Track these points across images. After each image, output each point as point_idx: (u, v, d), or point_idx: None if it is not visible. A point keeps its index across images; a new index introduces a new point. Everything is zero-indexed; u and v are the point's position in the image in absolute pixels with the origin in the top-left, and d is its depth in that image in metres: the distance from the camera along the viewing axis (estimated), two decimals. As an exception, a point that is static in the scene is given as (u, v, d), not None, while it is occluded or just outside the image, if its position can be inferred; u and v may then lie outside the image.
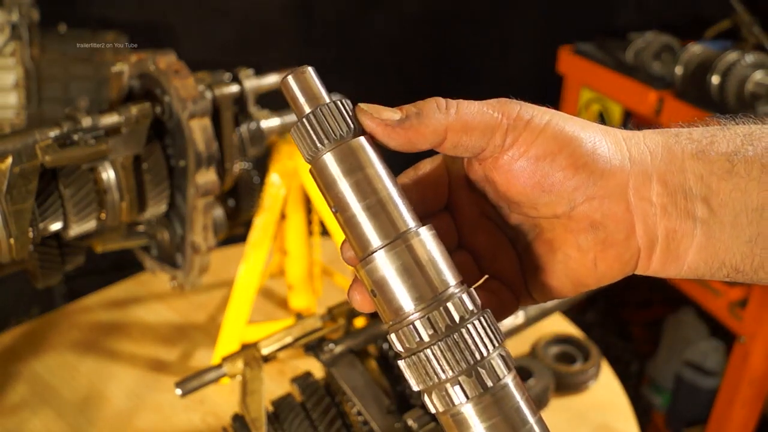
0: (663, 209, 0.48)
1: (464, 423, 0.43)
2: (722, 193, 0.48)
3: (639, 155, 0.49)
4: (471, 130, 0.47)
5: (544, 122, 0.48)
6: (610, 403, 1.25)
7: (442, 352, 0.42)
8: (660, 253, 0.50)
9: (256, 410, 0.87)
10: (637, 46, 2.10)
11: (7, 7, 1.56)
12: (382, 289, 0.44)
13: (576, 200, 0.48)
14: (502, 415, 0.43)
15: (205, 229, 1.10)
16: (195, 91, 1.03)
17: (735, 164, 0.48)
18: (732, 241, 0.48)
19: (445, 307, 0.43)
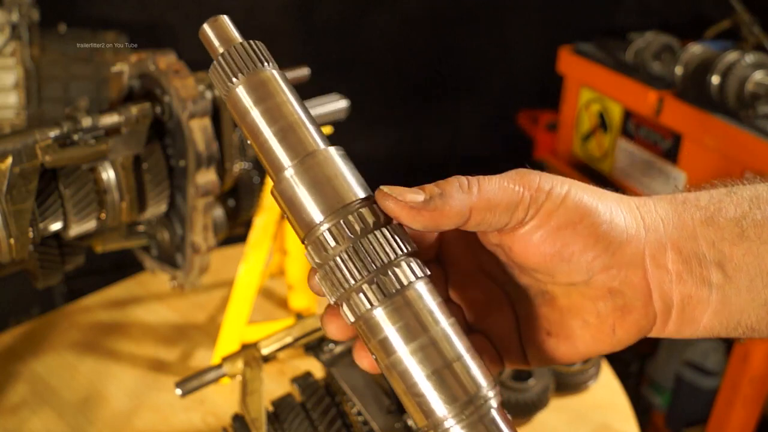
0: (678, 276, 0.49)
1: (375, 327, 0.44)
2: (735, 257, 0.49)
3: (653, 223, 0.50)
4: (494, 207, 0.47)
5: (564, 193, 0.48)
6: (610, 403, 1.25)
7: (347, 259, 0.44)
8: (675, 318, 0.50)
9: (256, 410, 0.87)
10: (637, 46, 2.10)
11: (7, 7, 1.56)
12: (293, 207, 0.45)
13: (594, 269, 0.49)
14: (412, 317, 0.44)
15: (205, 229, 1.10)
16: (195, 91, 1.03)
17: (745, 229, 0.49)
18: (748, 305, 0.49)
19: (349, 218, 0.44)
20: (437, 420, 0.44)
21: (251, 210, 1.26)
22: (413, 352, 0.44)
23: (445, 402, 0.44)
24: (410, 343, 0.44)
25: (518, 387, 1.16)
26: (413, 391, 0.44)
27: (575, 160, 2.33)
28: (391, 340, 0.44)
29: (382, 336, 0.44)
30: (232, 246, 1.53)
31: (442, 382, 0.44)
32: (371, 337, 0.45)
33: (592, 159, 2.25)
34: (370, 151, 0.61)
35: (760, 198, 0.50)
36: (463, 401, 0.44)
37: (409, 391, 0.45)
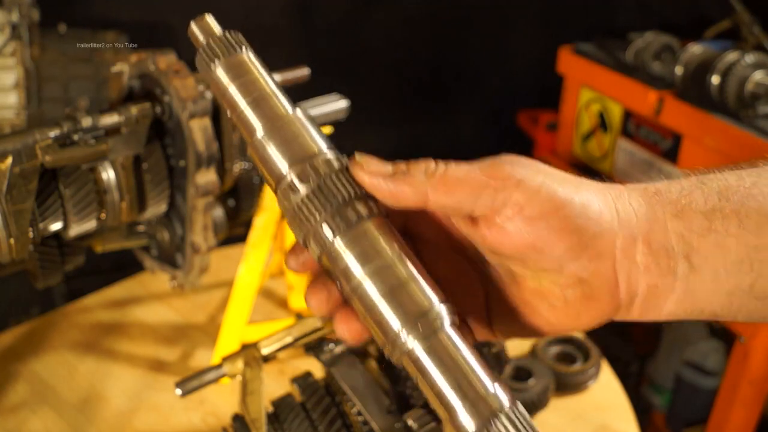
0: (646, 268, 0.50)
1: (337, 257, 0.49)
2: (702, 250, 0.50)
3: (626, 216, 0.51)
4: (453, 191, 0.49)
5: (538, 183, 0.49)
6: (610, 403, 1.25)
7: (311, 198, 0.49)
8: (639, 306, 0.52)
9: (256, 410, 0.87)
10: (637, 46, 2.10)
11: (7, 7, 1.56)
12: (266, 163, 0.51)
13: (566, 260, 0.49)
14: (368, 244, 0.48)
15: (205, 229, 1.10)
16: (195, 91, 1.03)
17: (713, 222, 0.50)
18: (711, 294, 0.51)
19: (313, 163, 0.50)
20: (393, 335, 0.47)
21: (251, 210, 1.26)
22: (369, 274, 0.48)
23: (399, 317, 0.47)
24: (366, 266, 0.48)
25: (518, 387, 1.16)
26: (372, 312, 0.48)
27: (575, 160, 2.33)
28: (351, 267, 0.48)
29: (343, 264, 0.48)
30: (232, 246, 1.53)
31: (395, 299, 0.47)
32: (335, 268, 0.49)
33: (592, 159, 2.25)
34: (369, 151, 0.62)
35: (729, 189, 0.51)
36: (416, 316, 0.47)
37: (369, 313, 0.48)
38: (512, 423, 0.45)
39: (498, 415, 0.45)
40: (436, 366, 0.47)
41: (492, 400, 0.46)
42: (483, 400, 0.46)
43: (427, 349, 0.47)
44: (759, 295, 0.50)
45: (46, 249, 1.01)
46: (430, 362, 0.47)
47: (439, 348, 0.47)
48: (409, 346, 0.47)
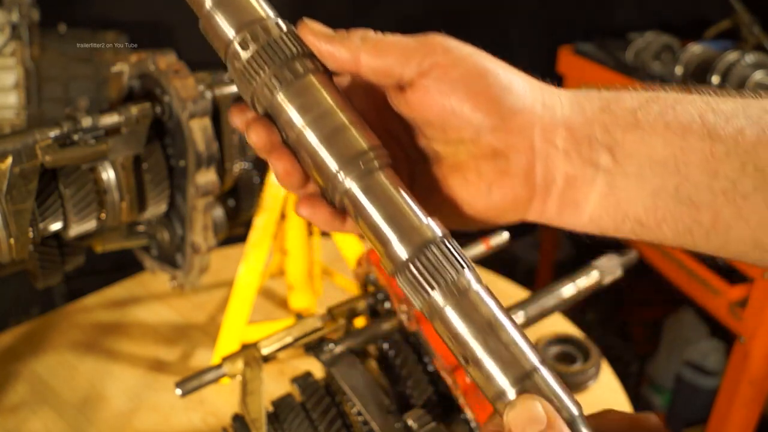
0: (566, 154, 0.50)
1: (279, 109, 0.51)
2: (627, 144, 0.50)
3: (550, 101, 0.51)
4: (384, 55, 0.50)
5: (465, 53, 0.51)
6: (610, 403, 1.25)
7: (254, 59, 0.51)
8: (557, 198, 0.51)
9: (256, 410, 0.87)
10: (637, 46, 2.10)
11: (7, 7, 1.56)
12: (216, 32, 0.53)
13: (483, 129, 0.50)
14: (308, 97, 0.51)
15: (205, 229, 1.10)
16: (195, 91, 1.03)
17: (640, 119, 0.50)
18: (635, 193, 0.50)
19: (256, 28, 0.52)
20: (332, 176, 0.50)
21: (251, 210, 1.26)
22: (309, 122, 0.50)
23: (337, 160, 0.50)
24: (306, 115, 0.50)
25: (518, 387, 1.16)
26: (313, 157, 0.51)
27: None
28: (292, 117, 0.51)
29: (286, 116, 0.51)
30: (232, 246, 1.53)
31: (334, 144, 0.50)
32: (279, 120, 0.51)
33: (592, 159, 2.25)
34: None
35: (659, 96, 0.51)
36: (352, 157, 0.50)
37: (311, 158, 0.51)
38: (442, 252, 0.47)
39: (429, 244, 0.47)
40: (371, 202, 0.49)
41: (424, 231, 0.48)
42: (416, 231, 0.48)
43: (363, 188, 0.50)
44: (683, 199, 0.49)
45: (46, 249, 1.01)
46: (366, 199, 0.49)
47: (375, 186, 0.50)
48: (347, 186, 0.50)
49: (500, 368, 0.45)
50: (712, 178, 0.48)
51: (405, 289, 0.48)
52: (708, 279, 1.75)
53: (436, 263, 0.47)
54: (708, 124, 0.49)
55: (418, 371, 0.89)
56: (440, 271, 0.47)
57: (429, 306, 0.47)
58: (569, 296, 1.04)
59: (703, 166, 0.48)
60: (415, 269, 0.47)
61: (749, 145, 0.48)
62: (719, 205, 0.48)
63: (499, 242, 1.15)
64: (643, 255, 1.81)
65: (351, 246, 1.35)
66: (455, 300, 0.46)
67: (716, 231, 0.49)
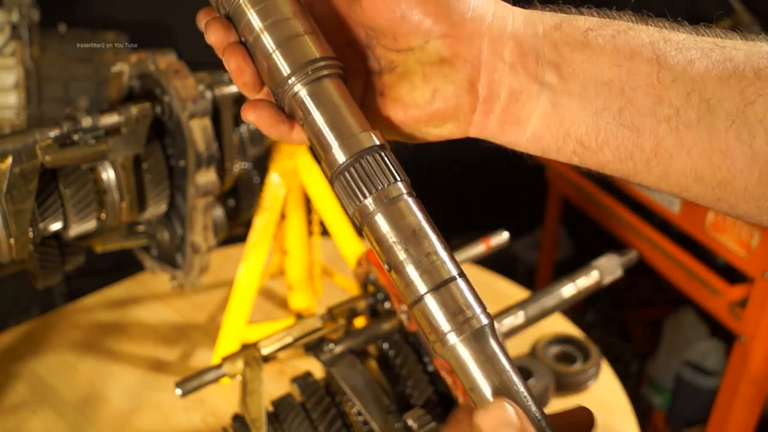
0: (512, 67, 0.51)
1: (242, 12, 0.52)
2: (574, 63, 0.50)
3: (502, 14, 0.51)
4: None
5: None
6: (610, 403, 1.25)
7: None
8: (500, 112, 0.52)
9: (256, 410, 0.87)
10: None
11: (7, 7, 1.56)
12: None
13: (432, 35, 0.51)
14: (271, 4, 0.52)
15: (205, 229, 1.10)
16: (195, 91, 1.03)
17: (590, 39, 0.50)
18: (578, 112, 0.50)
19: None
20: (282, 79, 0.51)
21: (251, 210, 1.26)
22: (267, 27, 0.52)
23: (289, 64, 0.51)
24: (265, 20, 0.52)
25: (518, 387, 1.16)
26: (268, 62, 0.52)
27: (575, 160, 2.32)
28: (251, 21, 0.52)
29: (245, 19, 0.52)
30: (232, 246, 1.53)
31: (287, 49, 0.51)
32: (239, 24, 0.53)
33: (592, 159, 2.25)
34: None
35: (614, 21, 0.52)
36: (304, 63, 0.51)
37: (266, 63, 0.52)
38: (377, 162, 0.49)
39: (367, 152, 0.49)
40: (317, 107, 0.51)
41: (363, 139, 0.50)
42: (355, 139, 0.50)
43: (311, 93, 0.51)
44: (626, 122, 0.49)
45: (46, 249, 1.01)
46: (312, 104, 0.51)
47: (322, 93, 0.51)
48: (295, 90, 0.51)
49: (419, 274, 0.47)
50: (657, 104, 0.48)
51: (340, 194, 0.50)
52: (708, 279, 1.75)
53: (370, 172, 0.49)
54: (658, 50, 0.49)
55: (418, 371, 0.89)
56: (373, 179, 0.49)
57: (360, 211, 0.49)
58: (569, 296, 1.04)
59: (648, 91, 0.48)
60: (350, 176, 0.49)
61: (697, 75, 0.48)
62: (662, 132, 0.48)
63: (499, 242, 1.15)
64: (643, 255, 1.81)
65: (351, 246, 1.35)
66: (384, 207, 0.48)
67: (657, 158, 0.49)
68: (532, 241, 2.76)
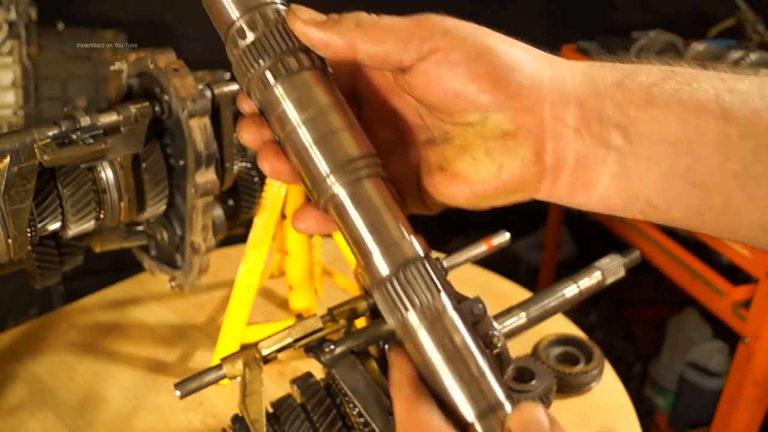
0: (576, 132, 0.49)
1: (274, 103, 0.50)
2: (640, 123, 0.48)
3: (559, 75, 0.49)
4: (381, 41, 0.48)
5: (465, 32, 0.49)
6: (613, 404, 1.24)
7: (252, 48, 0.50)
8: (568, 178, 0.50)
9: (256, 411, 0.87)
10: (640, 45, 2.09)
11: (4, 6, 1.56)
12: (217, 10, 0.51)
13: (490, 109, 0.49)
14: (305, 93, 0.50)
15: (204, 229, 1.09)
16: (194, 90, 1.02)
17: (654, 95, 0.48)
18: (646, 174, 0.48)
19: (256, 15, 0.50)
20: (320, 179, 0.49)
21: (251, 210, 1.25)
22: (303, 121, 0.49)
23: (327, 163, 0.49)
24: (301, 112, 0.49)
25: (520, 388, 1.15)
26: (302, 157, 0.50)
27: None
28: (287, 112, 0.50)
29: (279, 109, 0.50)
30: (232, 246, 1.52)
31: (325, 146, 0.49)
32: (271, 114, 0.50)
33: (595, 158, 2.25)
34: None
35: (675, 72, 0.49)
36: (342, 163, 0.49)
37: (299, 159, 0.50)
38: (421, 273, 0.47)
39: (410, 263, 0.47)
40: (357, 211, 0.49)
41: (407, 248, 0.48)
42: (398, 247, 0.48)
43: (350, 195, 0.49)
44: (695, 182, 0.48)
45: (44, 249, 1.01)
46: (352, 207, 0.49)
47: (362, 195, 0.49)
48: (334, 191, 0.49)
49: (467, 398, 0.46)
50: (725, 161, 0.47)
51: (380, 304, 0.48)
52: (712, 279, 1.74)
53: (415, 283, 0.47)
54: (723, 103, 0.47)
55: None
56: (417, 292, 0.46)
57: (403, 326, 0.47)
58: (571, 297, 1.03)
59: (716, 148, 0.47)
60: (392, 287, 0.47)
61: (764, 127, 0.46)
62: (730, 189, 0.47)
63: (501, 242, 1.14)
64: (646, 255, 1.80)
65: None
66: (428, 323, 0.46)
67: (727, 214, 0.48)
68: (534, 241, 2.76)
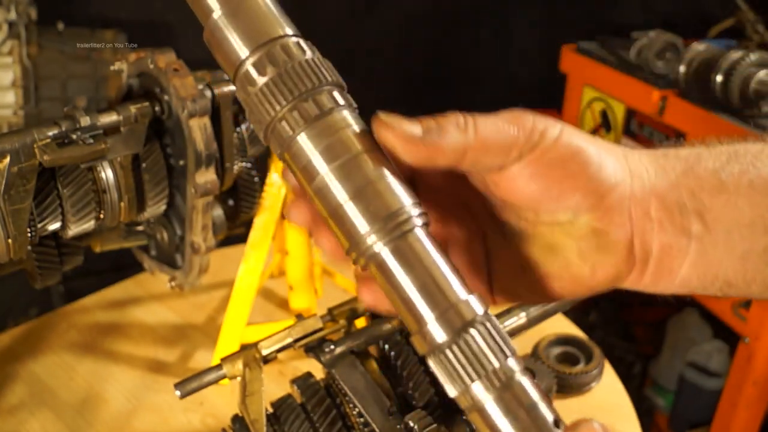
0: (660, 224, 0.49)
1: (299, 153, 0.44)
2: (715, 209, 0.49)
3: (638, 171, 0.50)
4: (489, 149, 0.47)
5: (557, 133, 0.48)
6: (613, 404, 1.24)
7: (271, 89, 0.44)
8: (653, 268, 0.50)
9: (256, 411, 0.87)
10: (640, 45, 2.09)
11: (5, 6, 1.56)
12: (224, 48, 0.46)
13: (581, 209, 0.48)
14: (334, 140, 0.43)
15: (204, 229, 1.09)
16: (194, 90, 1.02)
17: (724, 180, 0.49)
18: (725, 257, 0.49)
19: (272, 50, 0.44)
20: (358, 238, 0.43)
21: (251, 210, 1.25)
22: (334, 171, 0.43)
23: (366, 218, 0.43)
24: (331, 163, 0.43)
25: (521, 388, 1.15)
26: (336, 214, 0.44)
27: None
28: (314, 163, 0.44)
29: (305, 161, 0.44)
30: (232, 246, 1.52)
31: (362, 199, 0.43)
32: (296, 166, 0.45)
33: (595, 158, 2.25)
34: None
35: (738, 152, 0.50)
36: (383, 217, 0.42)
37: (333, 214, 0.44)
38: (483, 337, 0.41)
39: (470, 326, 0.41)
40: (404, 270, 0.42)
41: (465, 310, 0.42)
42: (455, 310, 0.42)
43: (394, 253, 0.43)
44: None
45: (44, 249, 1.01)
46: (398, 267, 0.43)
47: (408, 252, 0.43)
48: (375, 250, 0.43)
49: None
50: None
51: (439, 374, 0.42)
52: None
53: (478, 350, 0.41)
54: None
55: (419, 372, 0.88)
56: (481, 359, 0.41)
57: (467, 397, 0.42)
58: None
59: None
60: (453, 355, 0.41)
61: None
62: None
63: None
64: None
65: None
66: (497, 394, 0.41)
67: None
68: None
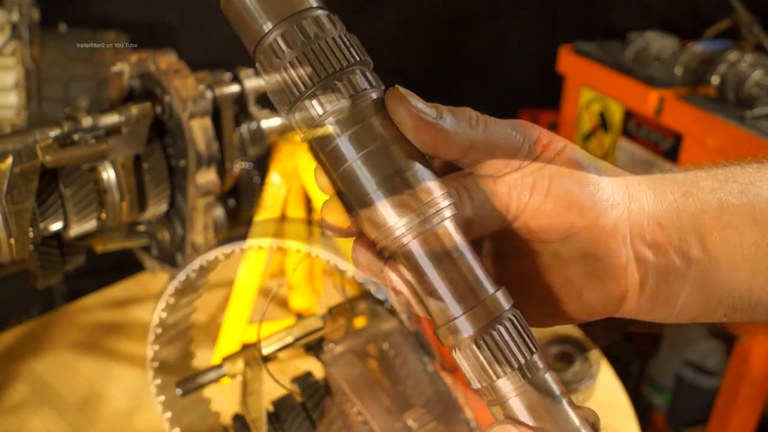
0: (657, 248, 0.48)
1: (326, 136, 0.42)
2: (716, 231, 0.47)
3: (636, 194, 0.49)
4: (494, 150, 0.46)
5: (560, 147, 0.48)
6: (610, 403, 1.25)
7: (298, 65, 0.41)
8: (649, 294, 0.49)
9: (257, 410, 0.87)
10: (637, 46, 2.10)
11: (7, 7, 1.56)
12: (244, 20, 0.42)
13: (574, 228, 0.47)
14: (364, 124, 0.41)
15: (205, 229, 1.10)
16: (195, 90, 1.03)
17: (723, 202, 0.48)
18: (728, 281, 0.48)
19: (302, 23, 0.41)
20: (386, 227, 0.41)
21: (252, 210, 1.26)
22: (363, 159, 0.41)
23: (397, 209, 0.41)
24: (361, 150, 0.41)
25: (518, 387, 1.16)
26: (364, 202, 0.42)
27: (575, 160, 2.33)
28: (342, 149, 0.41)
29: (332, 145, 0.41)
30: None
31: (393, 188, 0.41)
32: (321, 150, 0.42)
33: (593, 159, 2.25)
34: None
35: (735, 173, 0.49)
36: (412, 206, 0.41)
37: (360, 203, 0.42)
38: (509, 332, 0.41)
39: (498, 320, 0.41)
40: (433, 264, 0.41)
41: (493, 303, 0.41)
42: (483, 302, 0.41)
43: (423, 245, 0.41)
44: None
45: (46, 249, 1.01)
46: (426, 260, 0.41)
47: (437, 244, 0.41)
48: (404, 241, 0.42)
49: None
50: None
51: (464, 367, 0.42)
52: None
53: (504, 345, 0.40)
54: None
55: (418, 371, 0.89)
56: (507, 354, 0.40)
57: (493, 391, 0.41)
58: (569, 296, 1.04)
59: None
60: (479, 350, 0.41)
61: None
62: None
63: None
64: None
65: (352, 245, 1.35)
66: (522, 389, 0.41)
67: None
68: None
